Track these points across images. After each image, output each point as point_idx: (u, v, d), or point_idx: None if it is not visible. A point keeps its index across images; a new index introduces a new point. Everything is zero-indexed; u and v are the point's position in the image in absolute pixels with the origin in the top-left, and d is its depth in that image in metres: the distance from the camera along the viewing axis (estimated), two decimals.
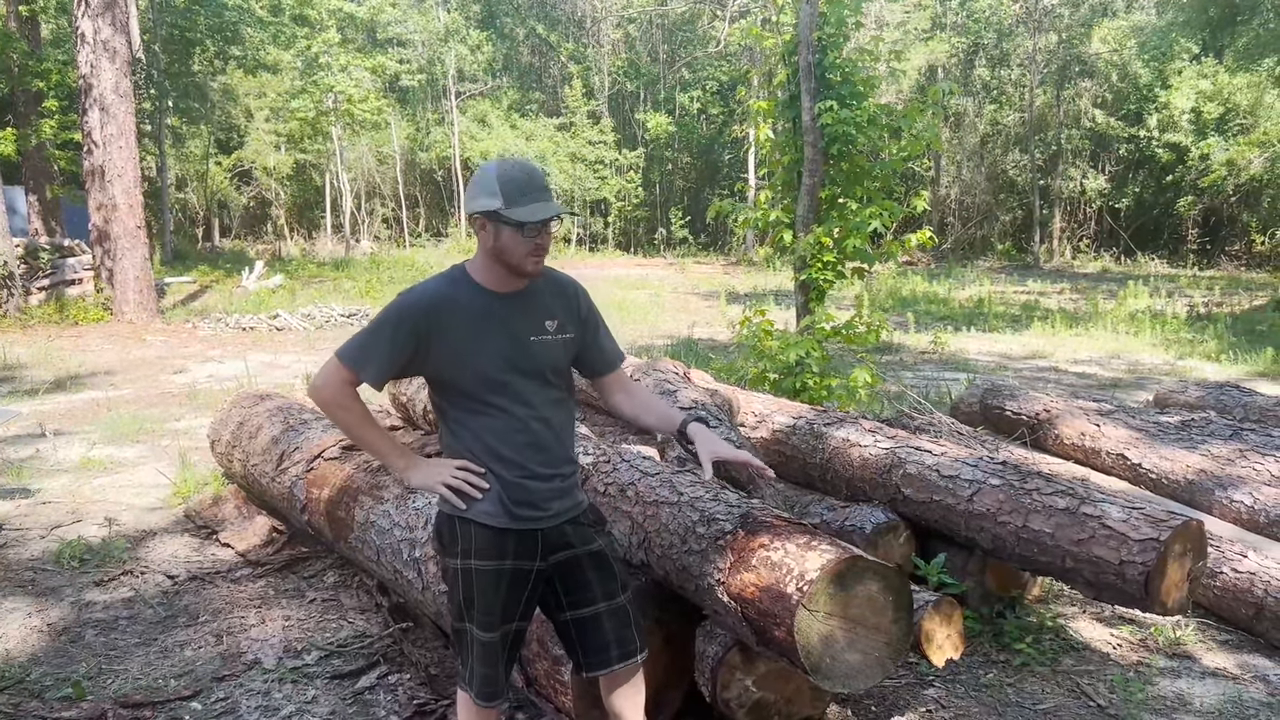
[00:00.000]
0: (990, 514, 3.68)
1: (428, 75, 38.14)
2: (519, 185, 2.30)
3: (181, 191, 35.16)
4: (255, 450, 5.36)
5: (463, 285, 2.41)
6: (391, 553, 3.89)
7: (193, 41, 26.31)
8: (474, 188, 2.34)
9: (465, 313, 2.36)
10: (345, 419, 2.46)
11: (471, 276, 2.42)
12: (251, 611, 4.24)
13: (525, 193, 2.30)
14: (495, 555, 2.39)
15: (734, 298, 19.78)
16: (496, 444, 2.39)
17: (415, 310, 2.36)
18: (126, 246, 14.30)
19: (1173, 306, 17.89)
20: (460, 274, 2.44)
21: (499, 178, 2.31)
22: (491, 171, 2.33)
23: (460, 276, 2.43)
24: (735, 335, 6.38)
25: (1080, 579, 3.43)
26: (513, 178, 2.31)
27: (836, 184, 7.01)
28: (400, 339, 2.34)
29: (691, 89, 40.19)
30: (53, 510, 5.72)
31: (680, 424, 2.62)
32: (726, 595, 2.50)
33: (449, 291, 2.39)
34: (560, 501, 2.47)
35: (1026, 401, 6.38)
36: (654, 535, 2.90)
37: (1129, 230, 33.81)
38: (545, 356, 2.43)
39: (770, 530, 2.54)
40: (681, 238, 37.24)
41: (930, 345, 12.72)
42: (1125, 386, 10.23)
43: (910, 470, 4.04)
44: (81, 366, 10.88)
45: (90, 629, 4.09)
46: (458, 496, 2.39)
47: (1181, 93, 30.74)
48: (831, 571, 2.29)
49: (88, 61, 14.07)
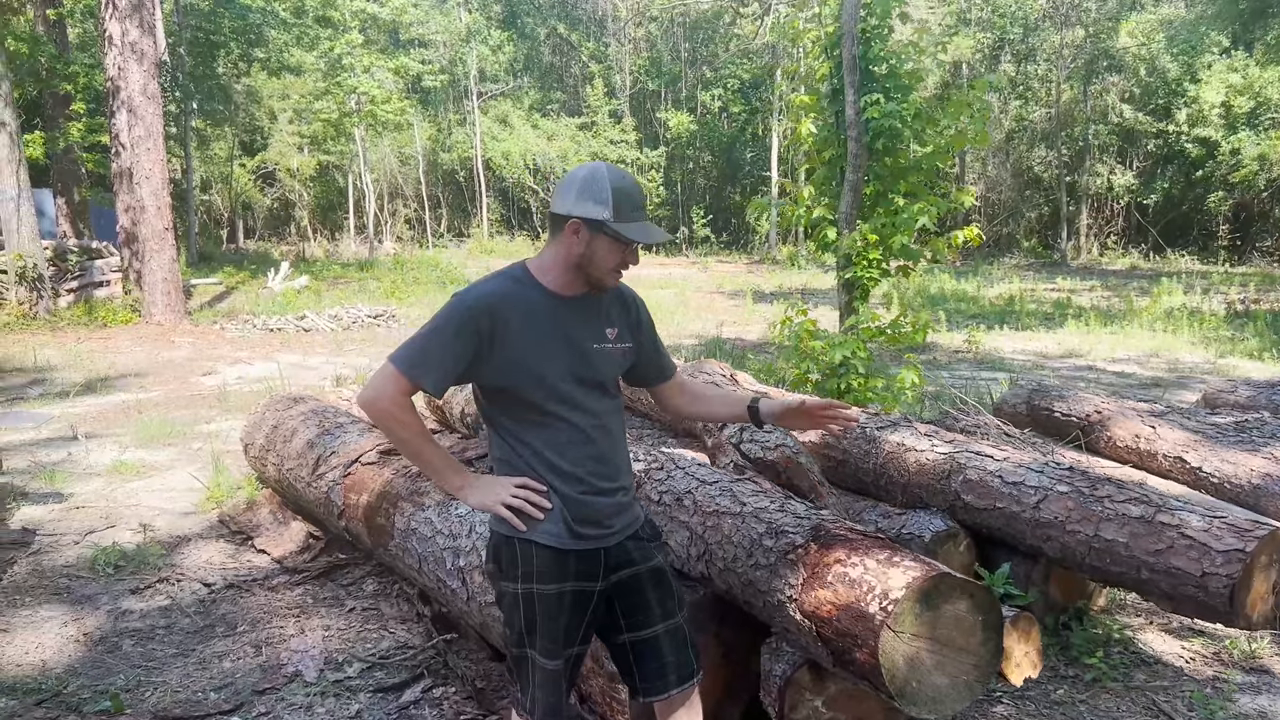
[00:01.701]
0: (1058, 522, 3.53)
1: (450, 76, 38.13)
2: (632, 201, 2.19)
3: (206, 193, 35.35)
4: (290, 454, 5.26)
5: (525, 285, 2.27)
6: (434, 561, 3.78)
7: (217, 44, 26.37)
8: (578, 190, 2.19)
9: (529, 315, 2.23)
10: (402, 434, 2.29)
11: (535, 277, 2.28)
12: (290, 621, 4.14)
13: (635, 209, 2.20)
14: (557, 578, 2.26)
15: (760, 297, 19.61)
16: (557, 458, 2.26)
17: (478, 310, 2.20)
18: (155, 248, 14.28)
19: (1209, 303, 17.59)
20: (523, 273, 2.30)
21: (613, 186, 2.17)
22: (603, 178, 2.18)
23: (523, 276, 2.29)
24: (775, 335, 6.24)
25: (1157, 591, 3.27)
26: (626, 191, 2.19)
27: (881, 179, 6.83)
28: (463, 342, 2.19)
29: (713, 87, 39.99)
30: (86, 515, 5.65)
31: (750, 402, 2.50)
32: (800, 613, 2.37)
33: (513, 291, 2.25)
34: (622, 517, 2.34)
35: (1076, 402, 6.20)
36: (715, 547, 2.76)
37: (1158, 226, 33.36)
38: (606, 366, 2.31)
39: (845, 544, 2.40)
40: (703, 237, 37.06)
41: (964, 344, 12.52)
42: (1167, 386, 10.01)
43: (971, 476, 3.89)
44: (111, 368, 10.86)
45: (127, 639, 4.00)
46: (519, 517, 2.25)
47: (1211, 87, 30.27)
48: (918, 590, 2.16)
49: (115, 64, 14.06)
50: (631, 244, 2.19)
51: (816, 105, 7.19)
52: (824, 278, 25.66)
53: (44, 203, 22.08)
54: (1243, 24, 29.48)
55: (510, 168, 37.22)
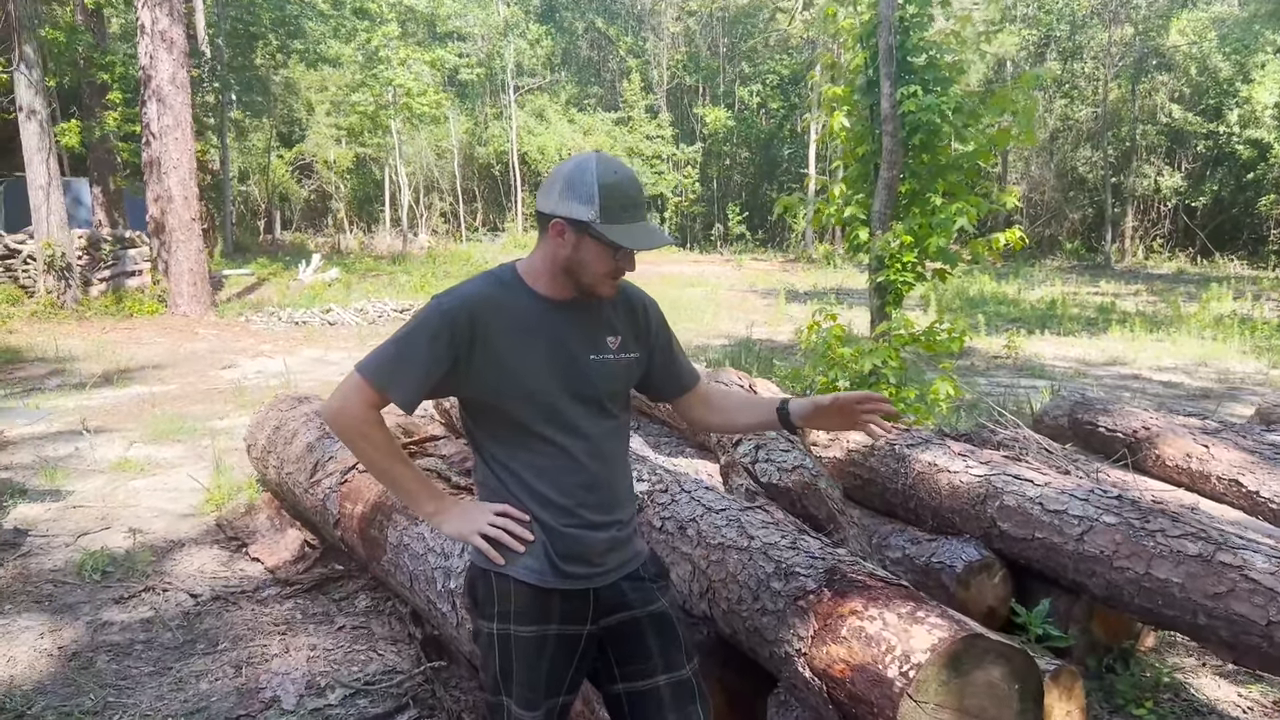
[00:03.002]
0: (1104, 557, 3.20)
1: (486, 69, 38.02)
2: (624, 198, 1.90)
3: (244, 184, 35.50)
4: (289, 457, 5.04)
5: (512, 289, 2.00)
6: (425, 581, 3.52)
7: (255, 35, 26.40)
8: (562, 186, 1.91)
9: (514, 322, 1.96)
10: (370, 452, 2.03)
11: (524, 279, 2.01)
12: (275, 639, 3.90)
13: (627, 209, 1.90)
14: (538, 619, 1.98)
15: (793, 296, 19.25)
16: (542, 485, 1.99)
17: (455, 315, 1.93)
18: (181, 239, 14.20)
19: (1260, 310, 16.98)
20: (510, 275, 2.02)
21: (600, 183, 1.89)
22: (591, 171, 1.90)
23: (510, 279, 2.01)
24: (803, 340, 5.92)
25: (1215, 639, 2.94)
26: (616, 187, 1.90)
27: (917, 177, 6.46)
28: (437, 351, 1.92)
29: (751, 83, 39.55)
30: (82, 515, 5.46)
31: (778, 406, 2.17)
32: (809, 670, 2.08)
33: (495, 295, 1.98)
34: (617, 554, 2.05)
35: (1122, 417, 5.83)
36: (719, 585, 2.48)
37: (1206, 230, 32.50)
38: (604, 379, 2.02)
39: (863, 592, 2.10)
40: (739, 234, 36.64)
41: (1003, 349, 12.09)
42: (1216, 397, 9.56)
43: (1008, 502, 3.57)
44: (132, 360, 10.76)
45: (103, 654, 3.78)
46: (496, 549, 1.98)
47: (1265, 87, 29.36)
48: (945, 653, 1.86)
49: (147, 53, 14.00)
50: (620, 250, 1.91)
51: (850, 98, 6.82)
52: (860, 277, 25.19)
53: (81, 192, 22.21)
54: None
55: (546, 162, 37.03)
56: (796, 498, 3.00)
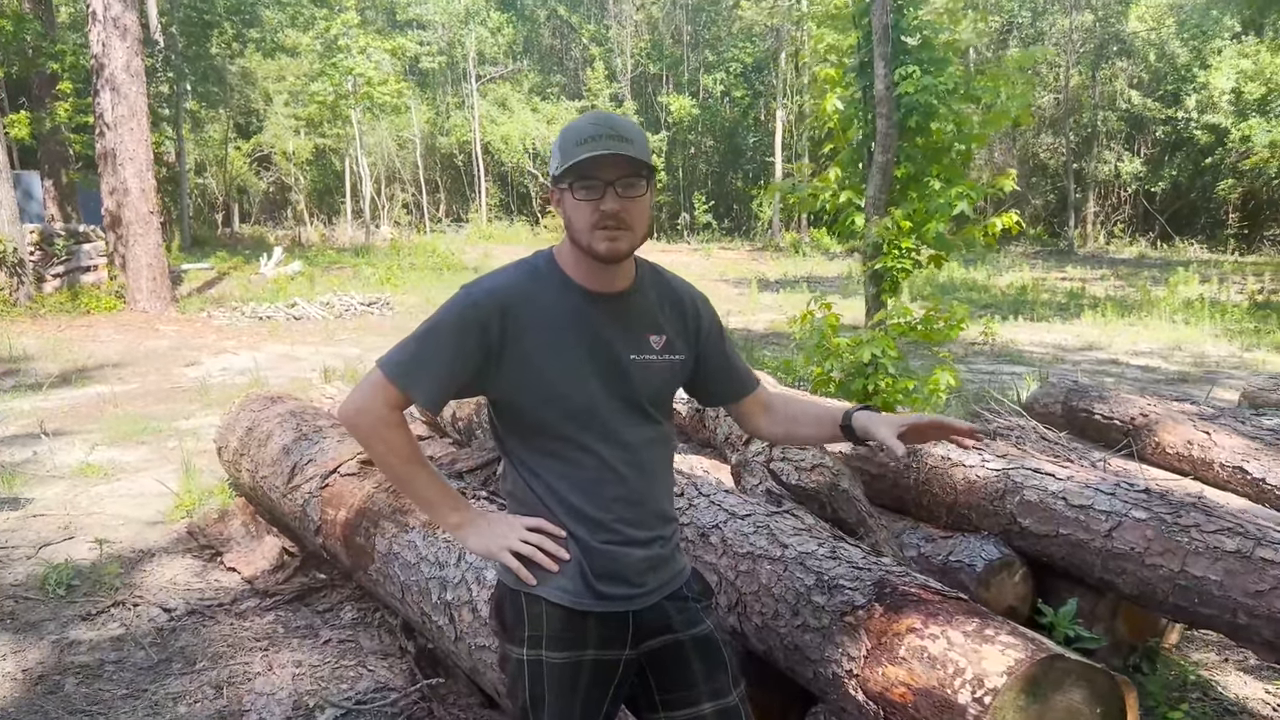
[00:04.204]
0: (1135, 554, 3.06)
1: (448, 58, 37.53)
2: (579, 135, 1.69)
3: (201, 177, 34.76)
4: (265, 460, 4.80)
5: (548, 279, 1.80)
6: (418, 592, 3.32)
7: (210, 23, 25.76)
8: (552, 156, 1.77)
9: (549, 316, 1.76)
10: (389, 457, 1.83)
11: (560, 267, 1.81)
12: (257, 655, 3.67)
13: (584, 140, 1.68)
14: (572, 644, 1.79)
15: (764, 285, 19.13)
16: (577, 498, 1.79)
17: (486, 307, 1.74)
18: (139, 232, 13.76)
19: (1226, 293, 17.13)
20: (545, 263, 1.83)
21: (562, 131, 1.73)
22: (564, 129, 1.74)
23: (545, 267, 1.82)
24: (797, 332, 5.75)
25: (1257, 638, 2.81)
26: (573, 129, 1.71)
27: (913, 161, 6.29)
28: (466, 347, 1.74)
29: (715, 71, 39.36)
30: (43, 525, 5.17)
31: (844, 417, 1.96)
32: (863, 693, 1.90)
33: (529, 286, 1.79)
34: (658, 573, 1.85)
35: (1119, 404, 5.72)
36: (750, 599, 2.30)
37: (1165, 214, 32.87)
38: (645, 383, 1.82)
39: (919, 608, 1.93)
40: (705, 223, 36.48)
41: (980, 336, 12.04)
42: (1194, 381, 9.56)
43: (1029, 497, 3.42)
44: (90, 359, 10.38)
45: (71, 676, 3.53)
46: (528, 568, 1.79)
47: (1221, 72, 29.73)
48: (1022, 677, 1.69)
49: (99, 40, 13.52)
50: (573, 184, 1.69)
51: (842, 79, 6.63)
52: (828, 265, 25.18)
53: (32, 185, 21.54)
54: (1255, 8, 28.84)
55: (509, 152, 36.66)
56: (826, 500, 2.83)
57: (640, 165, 1.71)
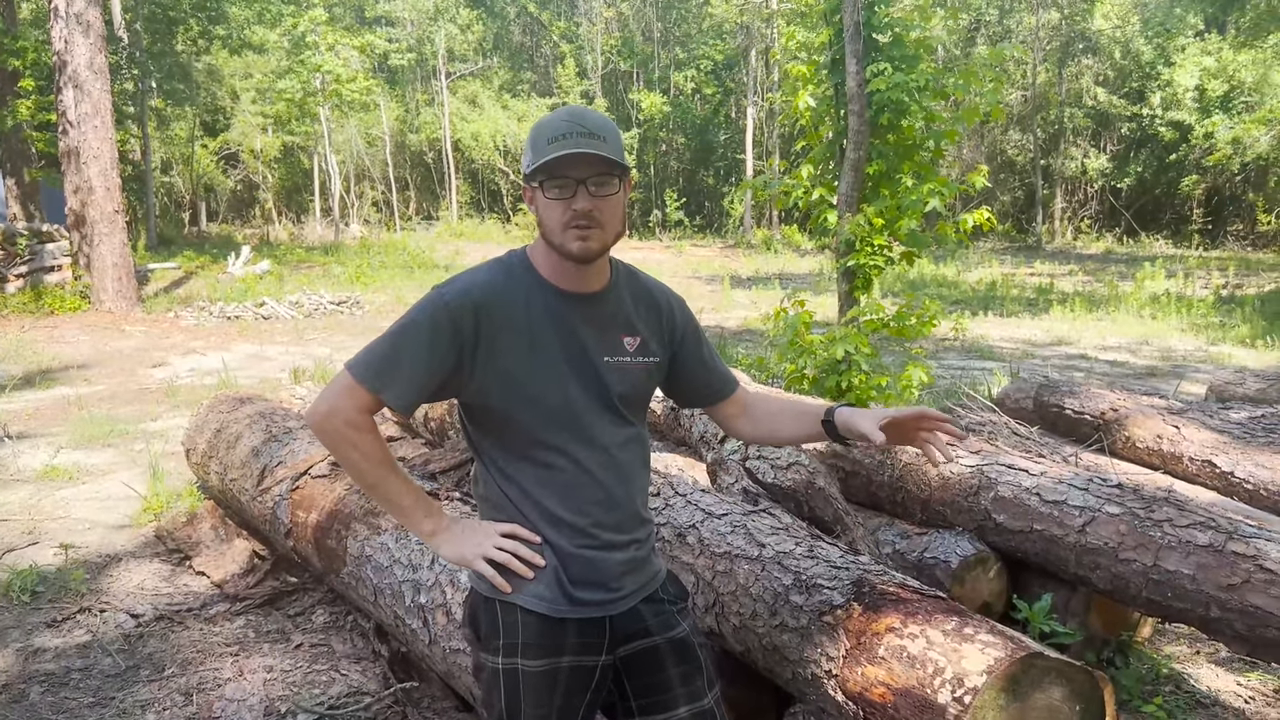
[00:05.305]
0: (1109, 549, 3.08)
1: (417, 55, 37.28)
2: (550, 131, 1.67)
3: (166, 175, 34.32)
4: (234, 462, 4.74)
5: (521, 279, 1.77)
6: (392, 595, 3.28)
7: (175, 20, 25.43)
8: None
9: (524, 316, 1.74)
10: (358, 461, 1.79)
11: (534, 267, 1.79)
12: (227, 661, 3.61)
13: (555, 138, 1.66)
14: (548, 651, 1.77)
15: (737, 282, 19.16)
16: (552, 502, 1.77)
17: (459, 308, 1.71)
18: (104, 231, 13.56)
19: (1192, 288, 17.35)
20: (519, 261, 1.80)
21: (535, 127, 1.71)
22: (535, 125, 1.72)
23: (519, 265, 1.79)
24: (771, 329, 5.74)
25: (1229, 631, 2.84)
26: (545, 124, 1.70)
27: (885, 158, 6.31)
28: (438, 348, 1.70)
29: (686, 68, 39.37)
30: (6, 530, 5.07)
31: (823, 419, 1.92)
32: (842, 694, 1.89)
33: (502, 286, 1.76)
34: (635, 576, 1.84)
35: (1089, 399, 5.77)
36: (728, 599, 2.28)
37: (1131, 210, 33.26)
38: (620, 385, 1.80)
39: (898, 607, 1.92)
40: (677, 220, 36.47)
41: (950, 331, 12.11)
42: (1162, 375, 9.67)
43: (1003, 493, 3.44)
44: (54, 360, 10.21)
45: (37, 685, 3.47)
46: (504, 576, 1.76)
47: (1185, 70, 30.09)
48: (1003, 675, 1.68)
49: (61, 37, 13.30)
50: (544, 183, 1.68)
51: (813, 76, 6.63)
52: (800, 262, 25.26)
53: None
54: (1220, 6, 29.25)
55: (480, 149, 36.47)
56: (803, 499, 2.82)
57: (613, 164, 1.69)
